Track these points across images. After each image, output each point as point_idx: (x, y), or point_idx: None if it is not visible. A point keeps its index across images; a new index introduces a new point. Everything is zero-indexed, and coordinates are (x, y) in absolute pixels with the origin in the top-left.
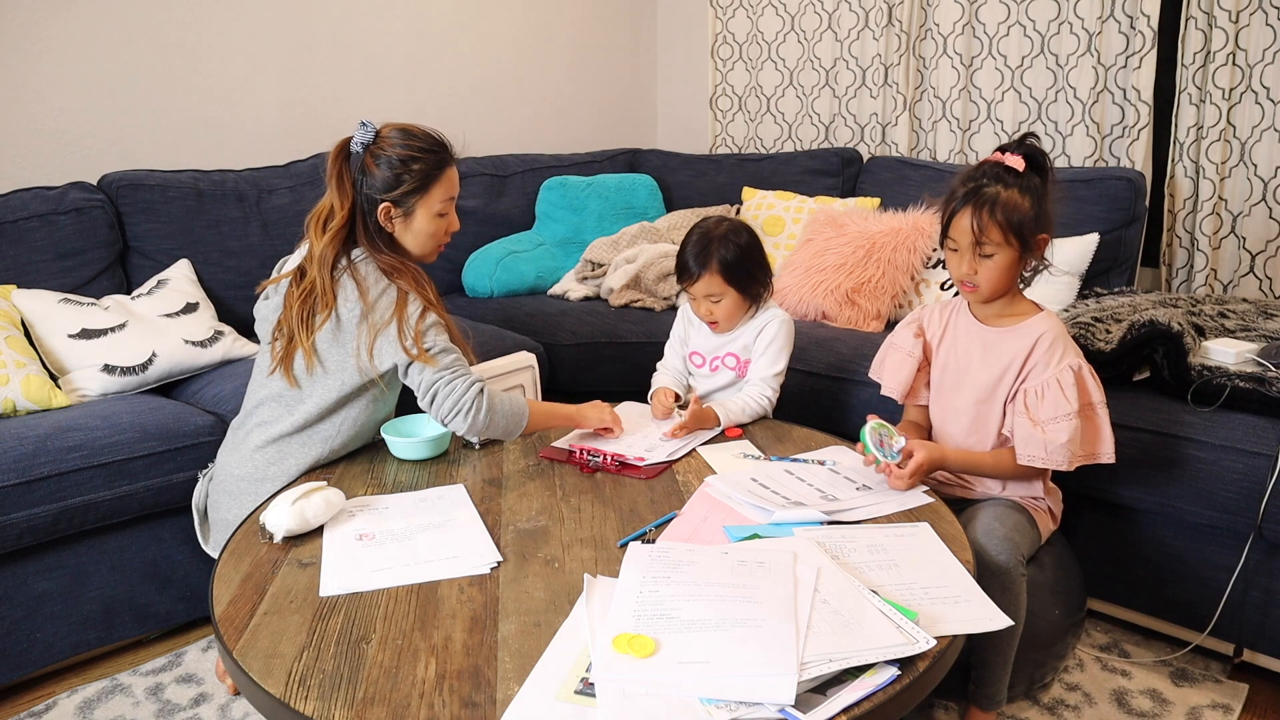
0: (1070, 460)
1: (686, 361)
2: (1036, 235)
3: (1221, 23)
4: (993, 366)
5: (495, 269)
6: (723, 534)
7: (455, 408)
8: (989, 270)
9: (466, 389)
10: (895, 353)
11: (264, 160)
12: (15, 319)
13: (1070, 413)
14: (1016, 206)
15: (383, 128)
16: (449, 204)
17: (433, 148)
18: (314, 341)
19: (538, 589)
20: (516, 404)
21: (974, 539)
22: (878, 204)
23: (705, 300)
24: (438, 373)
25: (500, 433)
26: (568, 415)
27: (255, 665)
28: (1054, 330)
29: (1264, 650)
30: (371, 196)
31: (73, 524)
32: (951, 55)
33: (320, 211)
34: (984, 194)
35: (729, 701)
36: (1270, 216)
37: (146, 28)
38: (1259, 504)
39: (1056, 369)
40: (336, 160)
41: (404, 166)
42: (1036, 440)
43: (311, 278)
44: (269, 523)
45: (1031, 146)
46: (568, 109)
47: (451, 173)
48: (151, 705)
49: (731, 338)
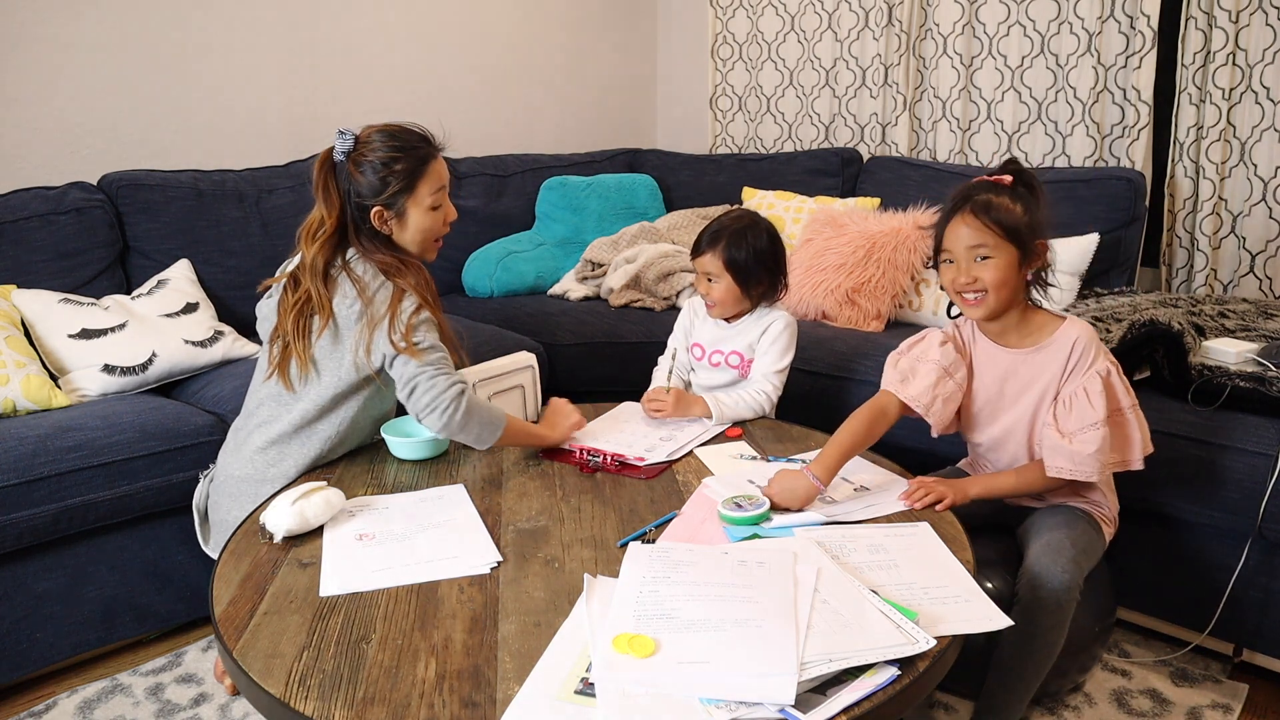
0: (1100, 471)
1: (688, 354)
2: (1034, 240)
3: (1221, 23)
4: (1028, 392)
5: (495, 269)
6: (723, 534)
7: (433, 404)
8: (990, 273)
9: (448, 386)
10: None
11: (264, 160)
12: (15, 319)
13: (1097, 421)
14: (1010, 210)
15: (362, 131)
16: (440, 195)
17: (414, 144)
18: (312, 352)
19: (538, 589)
20: (495, 413)
21: (1036, 556)
22: (878, 204)
23: (704, 278)
24: (421, 367)
25: (473, 438)
26: (540, 436)
27: (255, 665)
28: (1086, 335)
29: (1264, 650)
30: (361, 203)
31: (73, 524)
32: (951, 55)
33: (310, 224)
34: (976, 200)
35: (729, 701)
36: (1270, 216)
37: (147, 28)
38: (1259, 504)
39: (1084, 377)
40: (321, 171)
41: (387, 169)
42: (1064, 451)
43: (305, 288)
44: (269, 523)
45: (1017, 166)
46: (568, 109)
47: (437, 165)
48: (151, 705)
49: (734, 332)
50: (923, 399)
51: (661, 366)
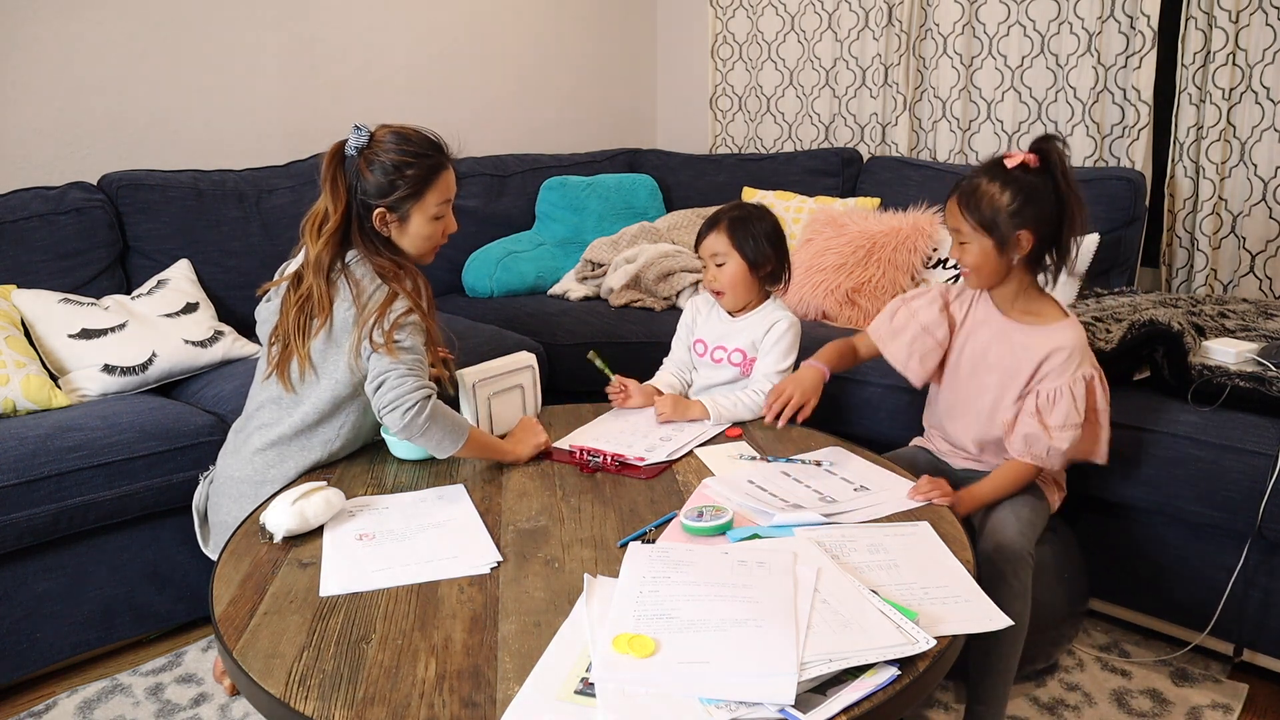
0: (1062, 464)
1: (690, 351)
2: (1016, 231)
3: (1221, 23)
4: (1008, 359)
5: (495, 269)
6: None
7: (395, 402)
8: (968, 257)
9: (415, 388)
10: (925, 338)
11: (264, 160)
12: (15, 319)
13: (1078, 423)
14: (991, 200)
15: (377, 130)
16: (445, 207)
17: (427, 151)
18: (309, 349)
19: (538, 589)
20: (458, 423)
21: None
22: (878, 204)
23: (711, 262)
24: (393, 364)
25: (433, 445)
26: (503, 451)
27: (255, 665)
28: (1071, 343)
29: (1264, 650)
30: (366, 201)
31: (73, 524)
32: (951, 55)
33: (315, 215)
34: (964, 186)
35: (729, 701)
36: (1270, 216)
37: (147, 28)
38: (1259, 504)
39: (1071, 378)
40: (331, 164)
41: (398, 172)
42: (1041, 443)
43: (308, 284)
44: (269, 523)
45: (1042, 145)
46: (568, 109)
47: (447, 176)
48: (151, 705)
49: (738, 328)
50: (899, 355)
51: (665, 369)
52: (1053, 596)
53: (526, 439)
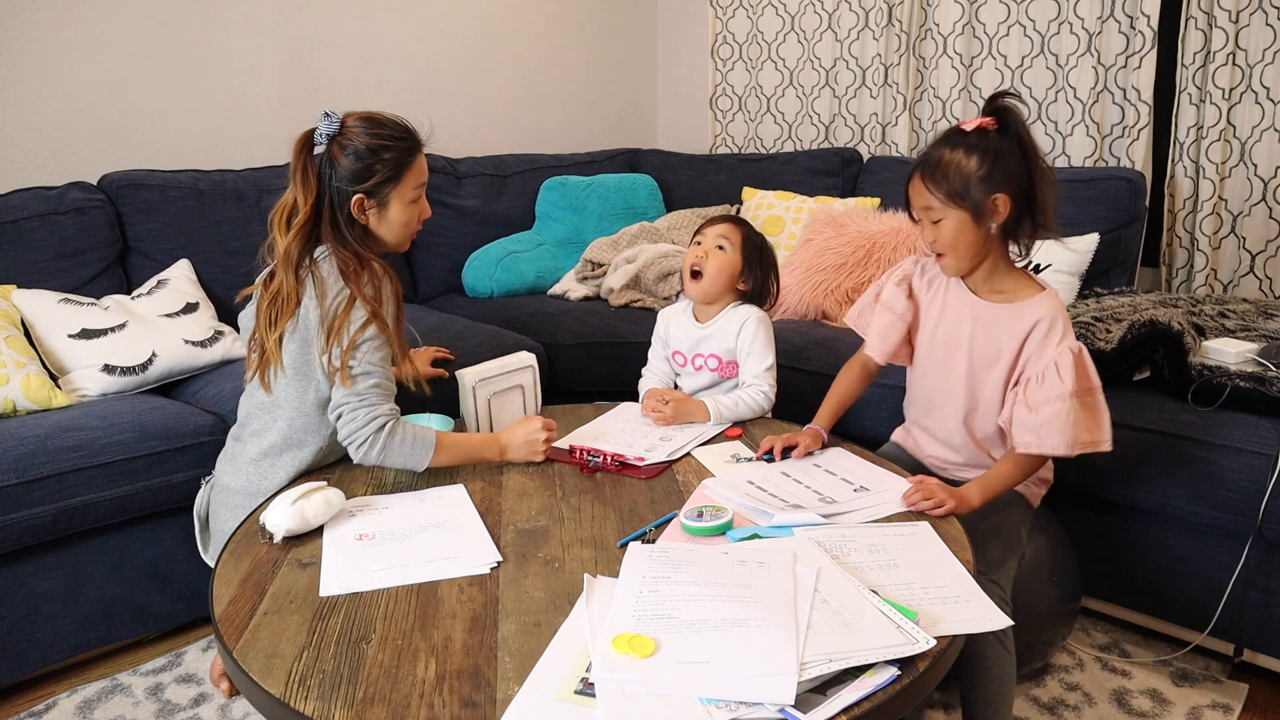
0: (1070, 445)
1: (670, 362)
2: (990, 195)
3: (1221, 23)
4: (986, 343)
5: (495, 269)
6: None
7: (350, 438)
8: (944, 235)
9: (367, 421)
10: (885, 314)
11: (264, 160)
12: (15, 319)
13: (1063, 394)
14: (960, 168)
15: (345, 117)
16: (420, 190)
17: (402, 135)
18: (279, 344)
19: (538, 589)
20: (422, 436)
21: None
22: (878, 204)
23: (712, 247)
24: (346, 396)
25: (401, 464)
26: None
27: (255, 665)
28: (1051, 314)
29: (1264, 650)
30: (341, 189)
31: (73, 524)
32: (951, 55)
33: (284, 206)
34: (928, 159)
35: (729, 701)
36: (1270, 216)
37: (147, 28)
38: (1259, 504)
39: (1055, 352)
40: (300, 153)
41: (375, 156)
42: (1029, 425)
43: (279, 279)
44: (269, 523)
45: (998, 105)
46: (568, 109)
47: (421, 160)
48: (151, 705)
49: (709, 333)
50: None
51: (646, 380)
52: (1043, 598)
53: (516, 428)
